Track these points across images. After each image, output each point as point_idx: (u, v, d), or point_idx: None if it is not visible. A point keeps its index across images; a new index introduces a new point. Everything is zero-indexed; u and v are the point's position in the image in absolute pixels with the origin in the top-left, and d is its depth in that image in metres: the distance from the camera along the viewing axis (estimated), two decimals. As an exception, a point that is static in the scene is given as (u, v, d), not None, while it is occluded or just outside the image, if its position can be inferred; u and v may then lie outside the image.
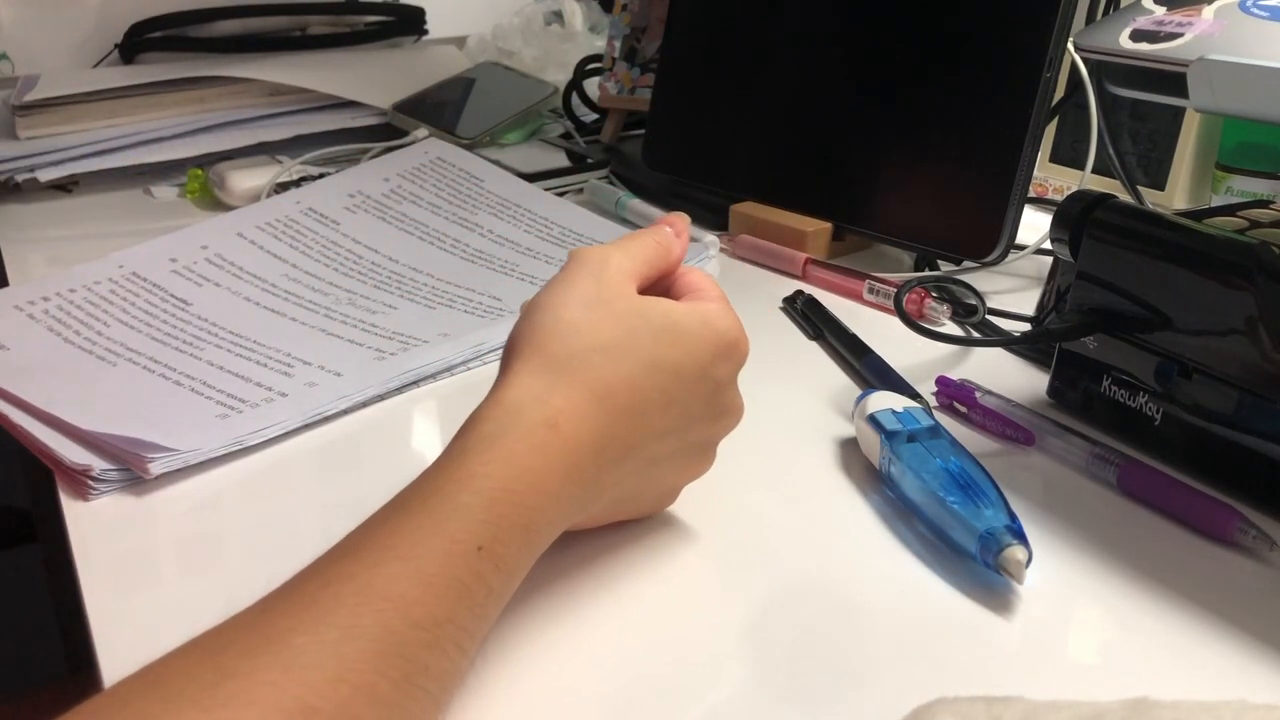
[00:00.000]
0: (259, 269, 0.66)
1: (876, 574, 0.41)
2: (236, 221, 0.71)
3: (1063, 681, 0.36)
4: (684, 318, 0.37)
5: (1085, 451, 0.47)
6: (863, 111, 0.73)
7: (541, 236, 0.73)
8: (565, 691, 0.35)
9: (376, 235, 0.72)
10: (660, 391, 0.36)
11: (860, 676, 0.36)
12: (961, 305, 0.64)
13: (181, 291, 0.63)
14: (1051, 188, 0.87)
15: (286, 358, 0.57)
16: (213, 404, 0.52)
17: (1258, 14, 0.52)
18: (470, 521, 0.30)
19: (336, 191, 0.76)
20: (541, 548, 0.34)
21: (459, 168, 0.81)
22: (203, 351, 0.57)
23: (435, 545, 0.30)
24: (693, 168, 0.83)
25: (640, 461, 0.37)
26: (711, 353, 0.37)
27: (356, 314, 0.62)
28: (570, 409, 0.33)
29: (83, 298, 0.62)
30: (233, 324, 0.60)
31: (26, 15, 1.14)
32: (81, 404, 0.50)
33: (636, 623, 0.38)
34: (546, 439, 0.32)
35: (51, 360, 0.55)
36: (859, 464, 0.48)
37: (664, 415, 0.36)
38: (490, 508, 0.31)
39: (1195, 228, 0.47)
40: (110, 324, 0.59)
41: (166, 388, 0.53)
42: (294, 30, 1.16)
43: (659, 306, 0.37)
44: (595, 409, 0.34)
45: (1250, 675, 0.36)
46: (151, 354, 0.56)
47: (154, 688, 0.26)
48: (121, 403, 0.52)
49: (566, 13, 1.15)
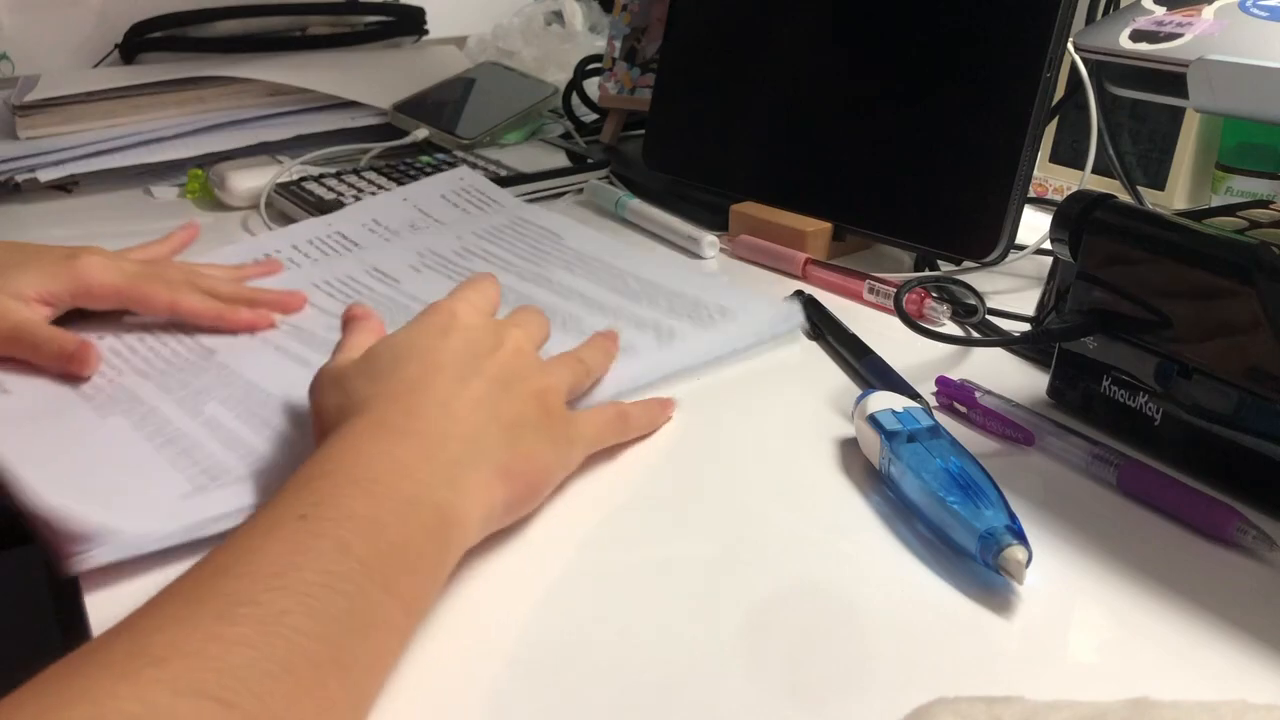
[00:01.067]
0: (302, 320, 0.62)
1: (876, 574, 0.41)
2: (298, 277, 0.67)
3: (1063, 681, 0.36)
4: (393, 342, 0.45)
5: (1085, 451, 0.47)
6: (863, 111, 0.73)
7: (617, 290, 0.65)
8: (565, 691, 0.35)
9: (438, 292, 0.66)
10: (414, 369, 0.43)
11: (860, 676, 0.36)
12: (961, 305, 0.64)
13: (210, 340, 0.59)
14: (1051, 188, 0.87)
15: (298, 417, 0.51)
16: (183, 479, 0.45)
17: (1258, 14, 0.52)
18: (299, 493, 0.35)
19: (406, 251, 0.72)
20: (377, 508, 0.36)
21: (538, 225, 0.76)
22: (206, 406, 0.52)
23: (267, 518, 0.34)
24: (693, 168, 0.83)
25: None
26: (425, 331, 0.45)
27: None
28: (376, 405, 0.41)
29: (110, 341, 0.58)
30: (254, 374, 0.55)
31: (26, 15, 1.14)
32: (49, 466, 0.45)
33: (636, 622, 0.38)
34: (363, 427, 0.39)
35: (50, 409, 0.52)
36: (859, 464, 0.48)
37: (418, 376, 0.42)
38: (316, 481, 0.36)
39: (1195, 228, 0.47)
40: (124, 371, 0.55)
41: (147, 452, 0.48)
42: (294, 30, 1.16)
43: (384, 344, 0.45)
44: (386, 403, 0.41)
45: (1250, 675, 0.36)
46: (151, 405, 0.52)
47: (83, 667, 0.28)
48: (91, 467, 0.47)
49: (566, 13, 1.15)
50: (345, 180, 0.86)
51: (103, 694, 0.27)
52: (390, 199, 0.82)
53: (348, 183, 0.86)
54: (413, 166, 0.91)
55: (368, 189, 0.85)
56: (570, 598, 0.40)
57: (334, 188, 0.84)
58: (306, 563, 0.32)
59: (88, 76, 1.01)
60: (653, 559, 0.42)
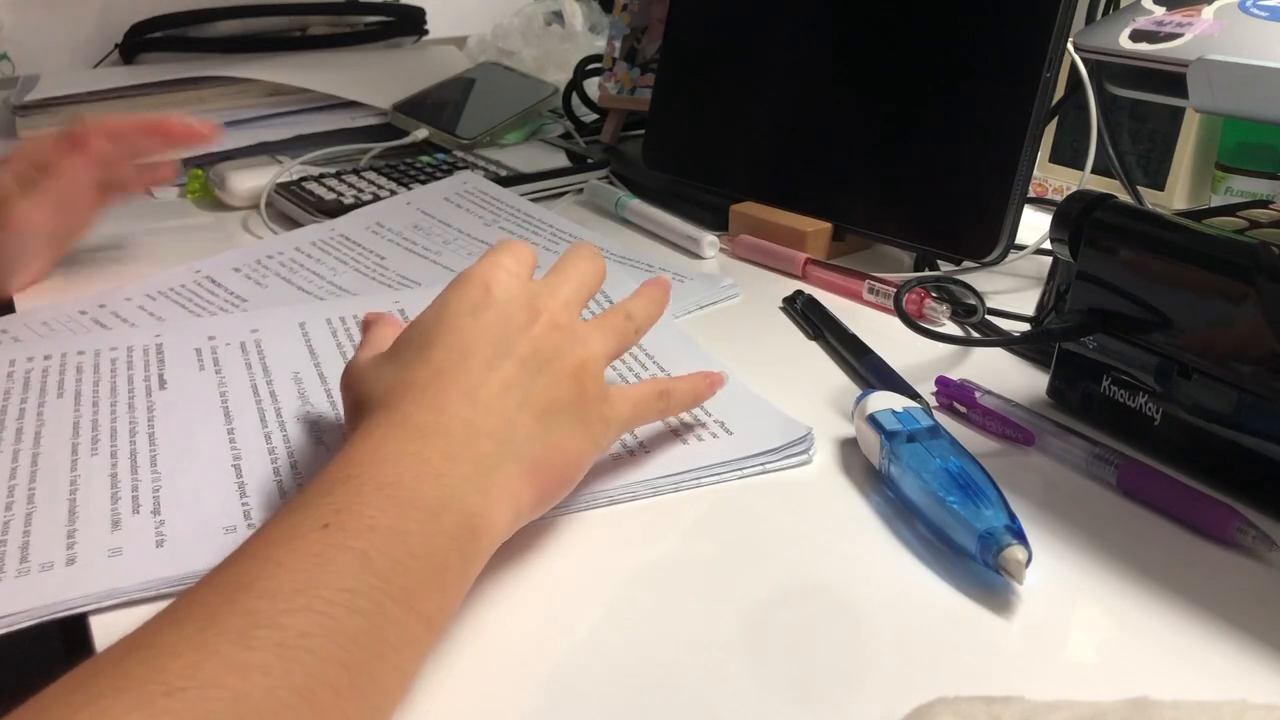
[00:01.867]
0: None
1: (876, 574, 0.41)
2: (298, 314, 0.63)
3: (1063, 681, 0.36)
4: (425, 316, 0.42)
5: (1085, 451, 0.47)
6: (863, 111, 0.73)
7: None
8: (565, 691, 0.35)
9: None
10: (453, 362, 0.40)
11: (860, 676, 0.36)
12: (961, 305, 0.64)
13: (178, 372, 0.55)
14: (1051, 188, 0.87)
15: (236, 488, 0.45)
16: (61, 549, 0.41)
17: (1258, 14, 0.52)
18: (319, 503, 0.34)
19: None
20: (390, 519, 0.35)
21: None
22: (86, 461, 0.47)
23: (285, 528, 0.33)
24: (693, 168, 0.83)
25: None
26: (459, 307, 0.42)
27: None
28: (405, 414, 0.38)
29: (64, 364, 0.55)
30: (178, 432, 0.50)
31: (26, 15, 1.14)
32: None
33: (636, 622, 0.38)
34: (391, 434, 0.37)
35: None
36: (859, 464, 0.48)
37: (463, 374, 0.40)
38: (337, 490, 0.35)
39: (1195, 228, 0.47)
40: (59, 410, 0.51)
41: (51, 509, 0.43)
42: (294, 30, 1.16)
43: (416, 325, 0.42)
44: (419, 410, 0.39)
45: (1250, 675, 0.36)
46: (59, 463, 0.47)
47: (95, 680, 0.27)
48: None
49: (566, 13, 1.15)
50: (345, 180, 0.86)
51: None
52: (395, 203, 0.82)
53: (348, 183, 0.86)
54: (413, 167, 0.91)
55: (368, 189, 0.85)
56: (570, 598, 0.40)
57: (334, 188, 0.85)
58: (327, 580, 0.31)
59: (88, 76, 1.02)
60: (653, 559, 0.42)
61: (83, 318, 0.63)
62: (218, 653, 0.28)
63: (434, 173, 0.90)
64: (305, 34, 1.16)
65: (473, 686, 0.35)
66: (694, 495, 0.46)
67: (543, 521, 0.43)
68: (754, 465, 0.48)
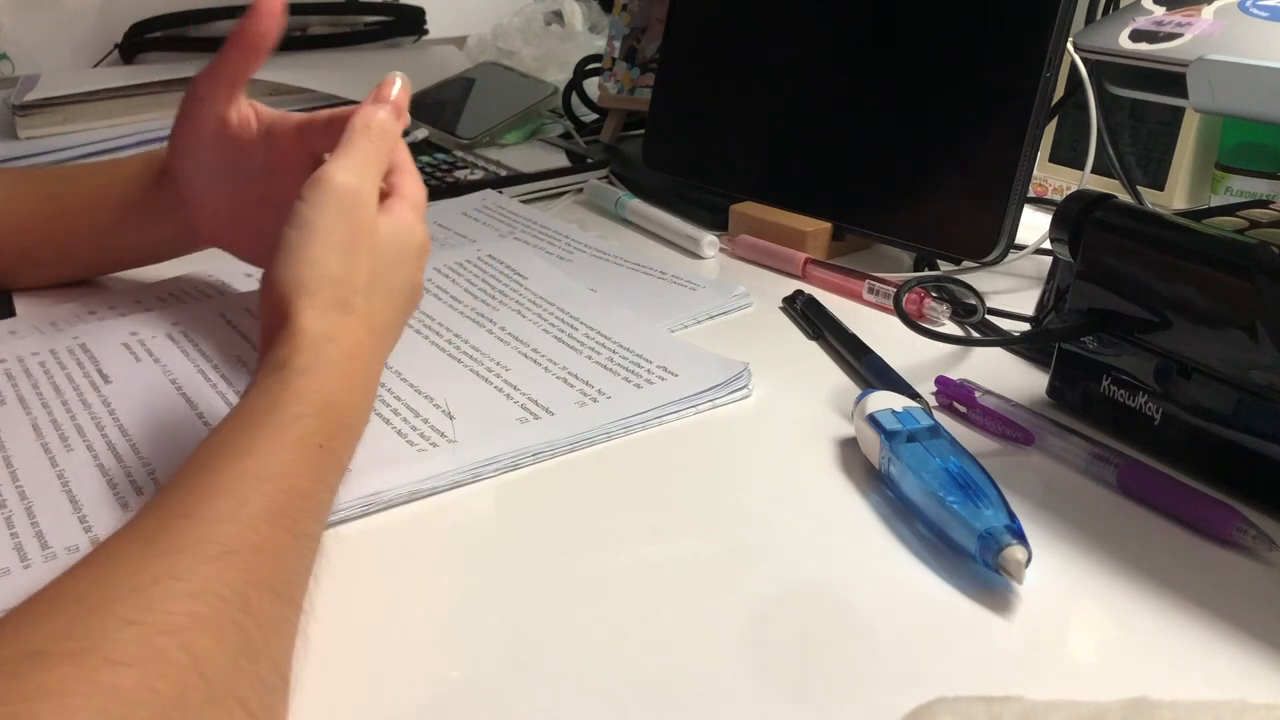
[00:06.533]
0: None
1: (876, 574, 0.41)
2: (217, 306, 0.62)
3: (1063, 681, 0.36)
4: (406, 243, 0.47)
5: (1085, 451, 0.47)
6: (862, 111, 0.73)
7: (562, 340, 0.60)
8: (565, 691, 0.35)
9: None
10: (399, 308, 0.47)
11: (860, 676, 0.36)
12: (961, 305, 0.64)
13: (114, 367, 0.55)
14: (1051, 188, 0.87)
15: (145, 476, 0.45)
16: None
17: (1258, 14, 0.52)
18: (309, 428, 0.38)
19: None
20: (360, 435, 0.42)
21: (504, 264, 0.70)
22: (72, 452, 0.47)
23: (288, 443, 0.37)
24: (693, 168, 0.83)
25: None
26: (419, 264, 0.48)
27: None
28: (357, 343, 0.42)
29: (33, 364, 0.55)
30: (147, 421, 0.50)
31: (26, 15, 1.14)
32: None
33: (635, 622, 0.38)
34: (349, 367, 0.41)
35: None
36: (859, 464, 0.48)
37: (399, 316, 0.47)
38: (322, 417, 0.39)
39: (1195, 228, 0.47)
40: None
41: None
42: (294, 30, 1.16)
43: (392, 240, 0.46)
44: (373, 340, 0.44)
45: (1250, 675, 0.36)
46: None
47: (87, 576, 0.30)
48: None
49: (566, 13, 1.15)
50: (345, 180, 0.86)
51: (192, 575, 0.30)
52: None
53: (348, 183, 0.86)
54: (413, 166, 0.91)
55: (368, 189, 0.84)
56: (570, 598, 0.39)
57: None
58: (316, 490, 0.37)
59: (88, 76, 1.02)
60: (653, 559, 0.42)
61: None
62: (253, 528, 0.33)
63: (434, 172, 0.90)
64: (305, 34, 1.16)
65: (472, 687, 0.35)
66: (693, 493, 0.46)
67: (539, 517, 0.43)
68: (704, 401, 0.53)
